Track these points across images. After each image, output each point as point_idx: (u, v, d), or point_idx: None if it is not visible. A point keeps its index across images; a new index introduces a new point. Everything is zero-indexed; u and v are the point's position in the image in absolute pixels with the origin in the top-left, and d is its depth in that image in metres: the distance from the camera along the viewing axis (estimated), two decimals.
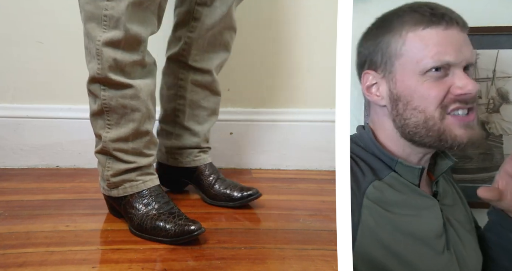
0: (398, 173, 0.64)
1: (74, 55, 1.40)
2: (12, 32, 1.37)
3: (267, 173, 1.45)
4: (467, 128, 0.62)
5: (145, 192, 0.95)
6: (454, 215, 0.69)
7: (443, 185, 0.70)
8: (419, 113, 0.62)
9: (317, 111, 1.49)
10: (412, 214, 0.64)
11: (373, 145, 0.65)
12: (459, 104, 0.62)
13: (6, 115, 1.40)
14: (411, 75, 0.62)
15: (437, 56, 0.60)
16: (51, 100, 1.42)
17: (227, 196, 1.09)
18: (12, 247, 0.85)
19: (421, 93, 0.62)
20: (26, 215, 1.01)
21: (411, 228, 0.62)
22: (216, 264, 0.80)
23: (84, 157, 1.42)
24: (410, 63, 0.62)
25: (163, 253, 0.85)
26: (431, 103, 0.61)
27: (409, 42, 0.62)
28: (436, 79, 0.61)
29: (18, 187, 1.23)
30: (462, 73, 0.62)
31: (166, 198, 0.97)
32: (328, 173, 1.45)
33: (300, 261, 0.83)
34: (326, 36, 1.44)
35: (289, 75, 1.48)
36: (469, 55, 0.63)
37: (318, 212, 1.08)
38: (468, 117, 0.63)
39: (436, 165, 0.70)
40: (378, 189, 0.62)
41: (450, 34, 0.61)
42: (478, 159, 0.80)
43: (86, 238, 0.90)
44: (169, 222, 0.89)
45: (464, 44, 0.63)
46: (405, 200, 0.64)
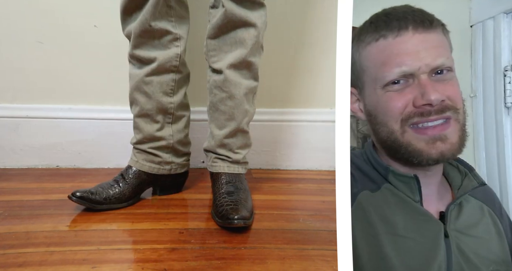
0: (393, 185, 0.60)
1: (74, 55, 1.40)
2: (12, 32, 1.37)
3: (267, 173, 1.45)
4: (435, 142, 0.57)
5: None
6: (476, 249, 0.59)
7: (471, 210, 0.62)
8: (384, 128, 0.59)
9: (317, 111, 1.49)
10: (399, 235, 0.57)
11: (370, 155, 0.63)
12: (420, 117, 0.57)
13: (6, 115, 1.40)
14: (374, 89, 0.60)
15: (390, 68, 0.57)
16: (51, 100, 1.42)
17: (217, 212, 1.01)
18: (12, 247, 0.84)
19: (382, 107, 0.59)
20: (26, 215, 1.01)
21: (394, 249, 0.56)
22: (216, 264, 0.80)
23: (84, 157, 1.42)
24: (371, 78, 0.60)
25: (163, 253, 0.84)
26: (391, 117, 0.58)
27: (367, 57, 0.60)
28: (397, 91, 0.58)
29: (18, 187, 1.23)
30: (427, 81, 0.57)
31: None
32: (328, 173, 1.45)
33: (300, 261, 0.83)
34: (326, 36, 1.44)
35: (289, 75, 1.48)
36: (431, 59, 0.57)
37: (318, 212, 1.08)
38: (434, 130, 0.57)
39: (461, 185, 0.64)
40: (365, 199, 0.59)
41: (402, 40, 0.57)
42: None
43: (86, 238, 0.90)
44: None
45: (424, 47, 0.57)
46: (393, 217, 0.58)
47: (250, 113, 1.14)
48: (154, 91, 1.10)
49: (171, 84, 1.12)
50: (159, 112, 1.12)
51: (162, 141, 1.14)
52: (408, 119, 0.57)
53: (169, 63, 1.09)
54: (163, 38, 1.08)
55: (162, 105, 1.12)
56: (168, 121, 1.15)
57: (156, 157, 1.15)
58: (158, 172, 1.15)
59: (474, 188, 0.62)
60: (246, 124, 1.13)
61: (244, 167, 1.16)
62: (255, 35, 1.05)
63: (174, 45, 1.09)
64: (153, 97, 1.11)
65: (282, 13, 1.44)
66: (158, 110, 1.12)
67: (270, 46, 1.46)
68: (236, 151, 1.13)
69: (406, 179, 0.59)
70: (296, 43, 1.46)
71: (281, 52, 1.47)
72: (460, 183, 0.64)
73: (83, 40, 1.39)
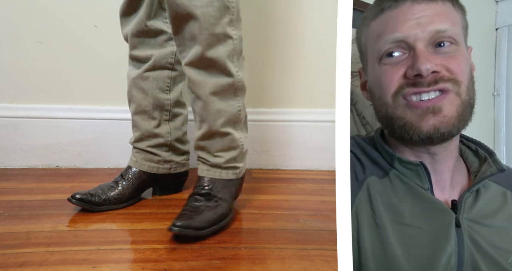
0: (400, 172, 0.58)
1: (74, 55, 1.40)
2: (12, 32, 1.37)
3: (267, 173, 1.45)
4: (427, 114, 0.53)
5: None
6: (494, 240, 0.54)
7: (490, 197, 0.58)
8: (382, 103, 0.57)
9: (317, 111, 1.49)
10: (405, 224, 0.54)
11: (377, 141, 0.61)
12: (411, 88, 0.54)
13: (6, 115, 1.40)
14: (373, 64, 0.58)
15: (384, 37, 0.55)
16: (51, 100, 1.42)
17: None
18: (12, 247, 0.84)
19: (378, 81, 0.57)
20: (26, 215, 1.01)
21: (399, 239, 0.53)
22: (216, 264, 0.80)
23: (84, 157, 1.42)
24: (371, 52, 0.59)
25: (163, 253, 0.84)
26: (385, 90, 0.56)
27: (369, 32, 0.59)
28: (391, 65, 0.55)
29: (18, 187, 1.23)
30: (421, 51, 0.53)
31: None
32: (328, 173, 1.45)
33: (300, 261, 0.83)
34: (326, 36, 1.44)
35: (289, 75, 1.48)
36: (428, 23, 0.53)
37: (318, 212, 1.08)
38: (428, 102, 0.53)
39: (479, 171, 0.60)
40: (372, 184, 0.57)
41: (400, 10, 0.55)
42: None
43: (86, 238, 0.90)
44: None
45: (422, 14, 0.54)
46: (400, 205, 0.55)
47: (230, 113, 0.99)
48: (151, 87, 1.11)
49: (167, 81, 1.13)
50: (155, 109, 1.13)
51: (159, 139, 1.15)
52: (400, 91, 0.54)
53: (164, 60, 1.10)
54: (159, 37, 1.09)
55: (159, 101, 1.13)
56: (165, 118, 1.15)
57: (155, 156, 1.15)
58: (157, 171, 1.15)
59: (492, 174, 0.57)
60: (225, 125, 1.00)
61: (231, 172, 1.03)
62: (205, 28, 0.91)
63: (170, 44, 1.10)
64: (149, 93, 1.12)
65: (281, 12, 1.44)
66: (155, 106, 1.13)
67: (270, 46, 1.46)
68: (216, 154, 1.02)
69: (412, 167, 0.57)
70: (296, 43, 1.46)
71: (281, 52, 1.47)
72: (478, 168, 0.60)
73: (83, 40, 1.39)
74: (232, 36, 0.95)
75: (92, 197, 1.04)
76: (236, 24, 0.96)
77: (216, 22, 0.91)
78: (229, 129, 1.01)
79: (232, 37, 0.95)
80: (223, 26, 0.92)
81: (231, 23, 0.94)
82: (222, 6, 0.91)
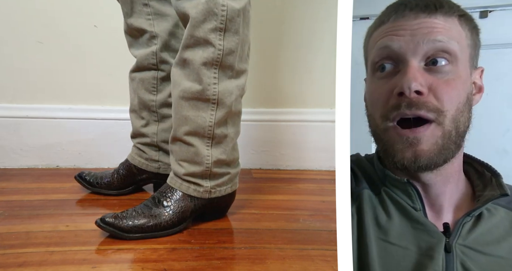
0: (391, 190, 0.55)
1: (74, 55, 1.40)
2: (12, 32, 1.37)
3: (267, 173, 1.45)
4: (409, 146, 0.50)
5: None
6: (486, 268, 0.50)
7: (495, 223, 0.53)
8: (373, 120, 0.55)
9: (317, 111, 1.49)
10: (390, 243, 0.52)
11: (374, 156, 0.59)
12: (395, 111, 0.50)
13: (6, 115, 1.40)
14: (368, 76, 0.57)
15: (376, 47, 0.53)
16: (51, 100, 1.42)
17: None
18: (12, 247, 0.84)
19: (370, 96, 0.55)
20: (26, 215, 1.01)
21: (380, 257, 0.51)
22: (216, 264, 0.80)
23: (84, 157, 1.42)
24: (369, 63, 0.57)
25: (163, 253, 0.84)
26: (376, 109, 0.53)
27: (370, 42, 0.57)
28: (383, 79, 0.53)
29: (18, 187, 1.23)
30: (411, 67, 0.50)
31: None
32: (328, 173, 1.45)
33: (300, 261, 0.83)
34: (326, 36, 1.44)
35: (289, 75, 1.48)
36: (422, 35, 0.50)
37: (318, 212, 1.08)
38: (411, 132, 0.50)
39: (482, 195, 0.55)
40: (366, 198, 0.55)
41: (400, 22, 0.52)
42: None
43: (86, 238, 0.90)
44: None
45: (419, 27, 0.51)
46: (388, 223, 0.53)
47: (196, 124, 0.93)
48: (137, 88, 1.13)
49: (153, 81, 1.12)
50: (143, 109, 1.14)
51: (146, 138, 1.16)
52: (389, 114, 0.51)
53: (146, 60, 1.10)
54: (143, 36, 1.09)
55: (145, 102, 1.14)
56: (154, 119, 1.15)
57: (144, 153, 1.17)
58: (146, 168, 1.17)
59: (494, 198, 0.53)
60: (189, 134, 0.94)
61: (192, 188, 0.96)
62: (188, 28, 0.89)
63: (153, 43, 1.09)
64: (136, 93, 1.13)
65: (281, 12, 1.44)
66: (142, 107, 1.14)
67: (269, 46, 1.46)
68: (179, 162, 0.96)
69: (401, 185, 0.54)
70: (296, 43, 1.46)
71: (281, 52, 1.47)
72: (482, 192, 0.56)
73: (83, 40, 1.39)
74: (215, 45, 0.89)
75: (88, 176, 1.18)
76: (226, 35, 0.89)
77: (197, 24, 0.88)
78: (193, 141, 0.94)
79: (215, 45, 0.89)
80: (204, 31, 0.88)
81: (217, 31, 0.88)
82: (206, 10, 0.87)
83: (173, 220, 0.92)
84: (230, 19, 0.89)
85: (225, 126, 0.96)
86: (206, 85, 0.91)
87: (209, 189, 0.97)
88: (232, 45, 0.91)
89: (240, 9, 0.90)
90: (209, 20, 0.88)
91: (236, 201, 1.06)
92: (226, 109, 0.94)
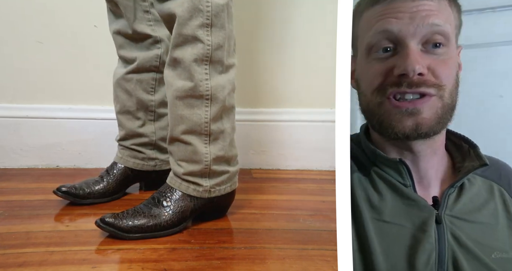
0: (381, 169, 0.58)
1: (74, 55, 1.40)
2: (12, 32, 1.37)
3: (267, 173, 1.45)
4: (409, 115, 0.54)
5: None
6: (477, 236, 0.54)
7: (475, 192, 0.57)
8: (364, 97, 0.57)
9: (317, 111, 1.49)
10: (385, 221, 0.54)
11: (362, 138, 0.61)
12: (396, 88, 0.54)
13: (6, 115, 1.40)
14: (362, 56, 0.58)
15: (375, 29, 0.55)
16: (51, 100, 1.42)
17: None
18: (12, 247, 0.84)
19: (364, 75, 0.57)
20: (26, 215, 1.01)
21: (378, 236, 0.54)
22: (216, 264, 0.80)
23: (84, 157, 1.42)
24: (361, 43, 0.58)
25: (163, 253, 0.84)
26: (370, 86, 0.56)
27: (362, 22, 0.58)
28: (380, 59, 0.55)
29: (18, 187, 1.23)
30: (412, 50, 0.53)
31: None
32: (328, 173, 1.45)
33: (300, 261, 0.83)
34: (326, 36, 1.44)
35: (289, 75, 1.48)
36: (421, 19, 0.53)
37: (318, 212, 1.08)
38: (409, 103, 0.54)
39: (462, 166, 0.59)
40: (356, 181, 0.57)
41: (396, 5, 0.54)
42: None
43: (86, 238, 0.90)
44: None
45: (417, 9, 0.53)
46: (381, 203, 0.55)
47: (193, 122, 0.94)
48: (134, 89, 1.12)
49: (151, 82, 1.13)
50: (140, 109, 1.14)
51: (144, 138, 1.16)
52: (385, 90, 0.55)
53: (149, 63, 1.11)
54: (145, 41, 1.10)
55: (143, 102, 1.14)
56: (150, 118, 1.16)
57: (140, 154, 1.16)
58: (142, 168, 1.17)
59: (474, 169, 0.57)
60: (186, 133, 0.94)
61: (192, 187, 0.96)
62: (175, 27, 0.90)
63: (156, 47, 1.11)
64: (133, 94, 1.13)
65: (281, 12, 1.44)
66: (139, 107, 1.14)
67: (269, 46, 1.46)
68: (178, 162, 0.97)
69: (392, 164, 0.57)
70: (295, 43, 1.46)
71: (280, 52, 1.47)
72: (462, 163, 0.59)
73: (83, 40, 1.39)
74: (204, 41, 0.90)
75: (76, 190, 1.07)
76: (213, 30, 0.90)
77: (184, 22, 0.88)
78: (191, 139, 0.94)
79: (204, 41, 0.90)
80: (192, 28, 0.89)
81: (204, 27, 0.89)
82: (192, 8, 0.88)
83: (173, 220, 0.93)
84: (215, 14, 0.90)
85: (220, 121, 0.97)
86: (198, 81, 0.92)
87: (208, 189, 0.97)
88: (220, 40, 0.92)
89: (224, 5, 0.91)
90: (196, 17, 0.89)
91: (236, 201, 1.06)
92: (220, 104, 0.95)
